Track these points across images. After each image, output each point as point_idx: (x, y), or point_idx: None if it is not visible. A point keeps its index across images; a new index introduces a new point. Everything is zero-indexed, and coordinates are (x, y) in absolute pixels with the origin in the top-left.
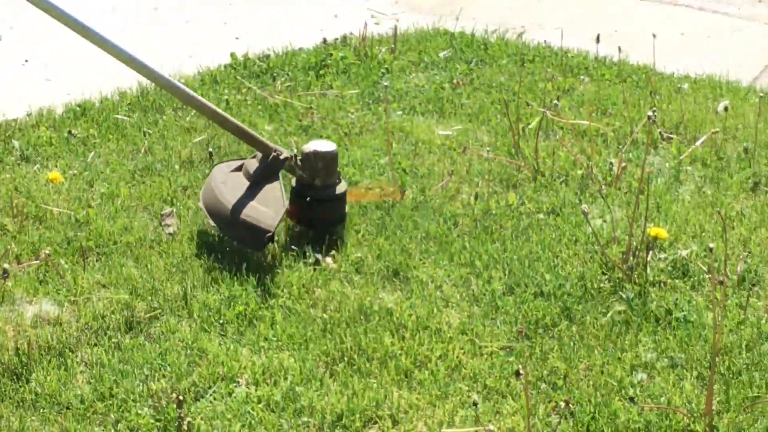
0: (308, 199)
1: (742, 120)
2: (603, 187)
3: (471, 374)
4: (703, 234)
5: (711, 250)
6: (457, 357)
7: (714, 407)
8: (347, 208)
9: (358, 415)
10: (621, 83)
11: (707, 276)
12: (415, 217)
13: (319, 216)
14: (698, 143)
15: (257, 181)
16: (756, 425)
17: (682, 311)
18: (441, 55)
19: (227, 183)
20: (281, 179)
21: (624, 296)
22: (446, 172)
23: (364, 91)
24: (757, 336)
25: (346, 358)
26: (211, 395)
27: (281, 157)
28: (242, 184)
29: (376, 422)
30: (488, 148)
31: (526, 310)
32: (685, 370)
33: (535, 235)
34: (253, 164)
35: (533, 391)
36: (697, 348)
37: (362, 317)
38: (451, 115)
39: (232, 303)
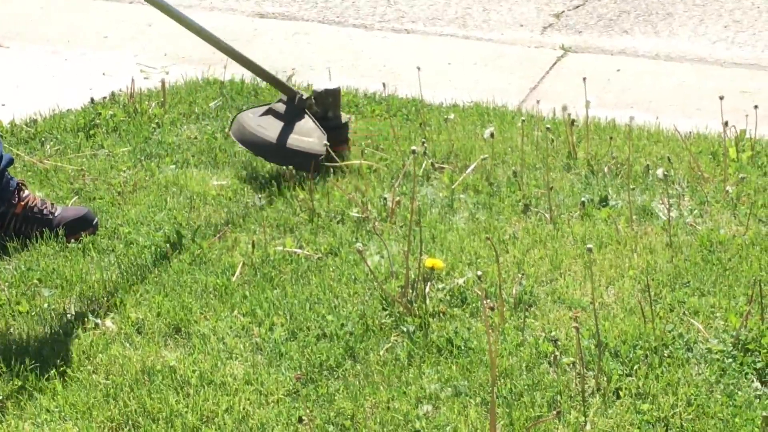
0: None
1: (510, 143)
2: (377, 222)
3: (258, 424)
4: (479, 260)
5: (480, 277)
6: (244, 408)
7: (498, 431)
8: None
9: None
10: (391, 117)
11: (484, 302)
12: (193, 272)
13: (333, 139)
14: (469, 170)
15: (289, 120)
16: None
17: (463, 339)
18: (212, 105)
19: (261, 124)
20: (309, 115)
21: (405, 330)
22: (222, 223)
23: (136, 147)
24: (536, 356)
25: (131, 422)
26: None
27: (304, 98)
28: (276, 122)
29: None
30: (261, 195)
31: (310, 354)
32: (468, 398)
33: (314, 278)
34: (279, 107)
35: None
36: (479, 374)
37: (146, 378)
38: (224, 164)
39: (9, 379)
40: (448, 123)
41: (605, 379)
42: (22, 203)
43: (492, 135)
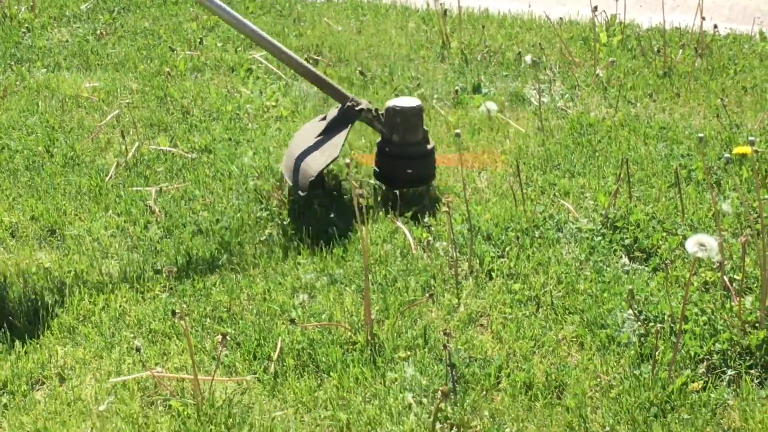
0: (387, 152)
1: (384, 36)
2: (252, 118)
3: (135, 321)
4: (352, 151)
5: (348, 165)
6: (120, 306)
7: (374, 316)
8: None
9: (24, 379)
10: (265, 14)
11: (358, 191)
12: (66, 174)
13: (397, 174)
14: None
15: (329, 129)
16: (414, 327)
17: (338, 229)
18: (83, 7)
19: (304, 132)
20: (349, 129)
21: (280, 222)
22: (95, 124)
23: (6, 53)
24: (408, 244)
25: (6, 324)
26: None
27: (356, 107)
28: (316, 131)
29: (43, 383)
30: (133, 96)
31: (186, 250)
32: (344, 286)
33: (189, 174)
34: (333, 113)
35: (198, 327)
36: (355, 263)
37: (21, 281)
38: (97, 66)
39: None
40: (322, 17)
41: (478, 261)
42: None
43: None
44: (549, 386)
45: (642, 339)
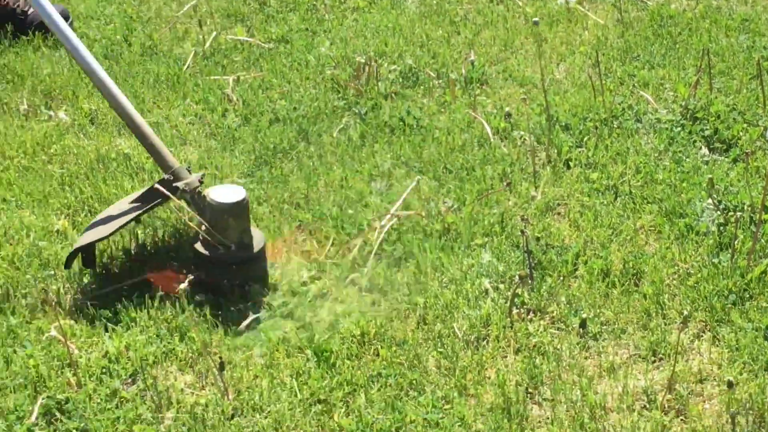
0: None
1: None
2: (329, 9)
3: None
4: (431, 42)
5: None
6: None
7: (451, 204)
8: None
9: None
10: None
11: (436, 81)
12: (145, 63)
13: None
14: None
15: (137, 201)
16: (490, 213)
17: (415, 118)
18: None
19: (121, 202)
20: (150, 206)
21: (357, 111)
22: (173, 14)
23: None
24: (486, 134)
25: (87, 207)
26: None
27: (173, 184)
28: (128, 201)
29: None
30: None
31: (263, 138)
32: (422, 174)
33: (266, 64)
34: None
35: (276, 213)
36: (432, 151)
37: (100, 166)
38: None
39: None
40: None
41: (555, 151)
42: None
43: None
44: (626, 274)
45: (721, 228)
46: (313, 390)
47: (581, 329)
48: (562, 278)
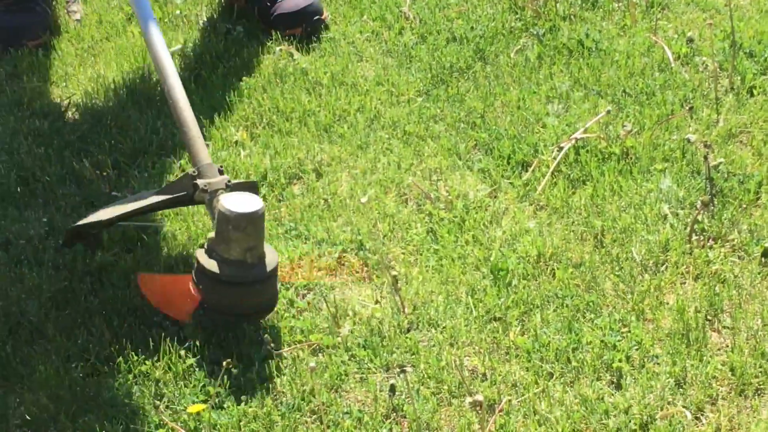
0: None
1: None
2: None
3: (390, 122)
4: None
5: None
6: (375, 108)
7: (630, 128)
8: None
9: (282, 172)
10: None
11: (616, 4)
12: None
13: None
14: None
15: (162, 190)
16: (671, 138)
17: (594, 41)
18: None
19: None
20: (168, 199)
21: (535, 33)
22: None
23: None
24: (666, 59)
25: (265, 120)
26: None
27: (194, 180)
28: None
29: (300, 177)
30: None
31: (440, 57)
32: (600, 97)
33: None
34: None
35: (452, 132)
36: (611, 74)
37: (278, 80)
38: None
39: (146, 79)
40: None
41: (739, 78)
42: None
43: None
44: None
45: None
46: (489, 307)
47: (763, 258)
48: (744, 207)
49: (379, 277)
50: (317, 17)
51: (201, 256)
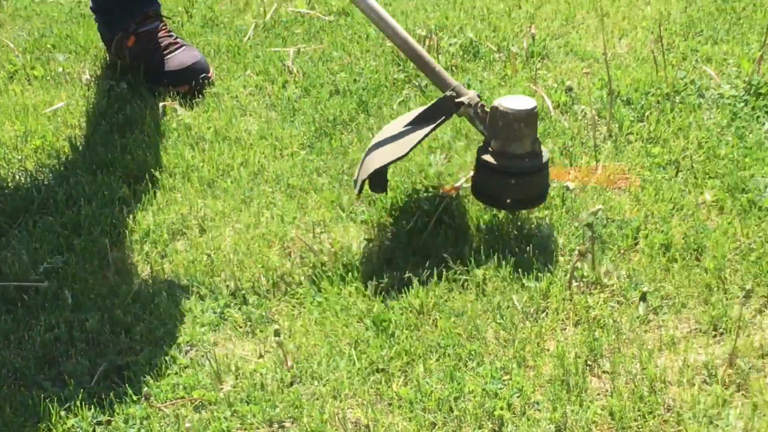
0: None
1: None
2: None
3: (274, 176)
4: (491, 15)
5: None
6: (259, 161)
7: None
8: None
9: (165, 228)
10: None
11: (497, 55)
12: (205, 34)
13: (490, 190)
14: None
15: (419, 119)
16: (551, 186)
17: (476, 91)
18: None
19: (398, 120)
20: (437, 124)
21: (417, 84)
22: None
23: None
24: (546, 107)
25: (147, 176)
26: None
27: (455, 99)
28: (409, 119)
29: (183, 233)
30: None
31: (323, 110)
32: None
33: (327, 36)
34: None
35: (336, 184)
36: None
37: (161, 135)
38: None
39: (28, 138)
40: None
41: (617, 125)
42: None
43: None
44: (687, 248)
45: None
46: (372, 359)
47: (641, 303)
48: (622, 252)
49: (262, 331)
50: (204, 74)
51: (490, 159)
